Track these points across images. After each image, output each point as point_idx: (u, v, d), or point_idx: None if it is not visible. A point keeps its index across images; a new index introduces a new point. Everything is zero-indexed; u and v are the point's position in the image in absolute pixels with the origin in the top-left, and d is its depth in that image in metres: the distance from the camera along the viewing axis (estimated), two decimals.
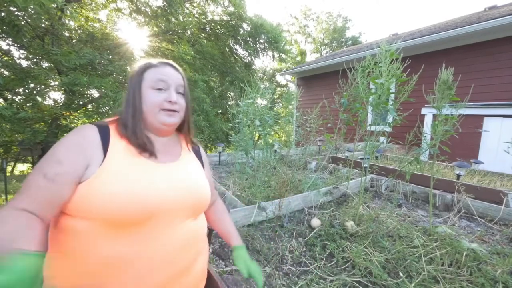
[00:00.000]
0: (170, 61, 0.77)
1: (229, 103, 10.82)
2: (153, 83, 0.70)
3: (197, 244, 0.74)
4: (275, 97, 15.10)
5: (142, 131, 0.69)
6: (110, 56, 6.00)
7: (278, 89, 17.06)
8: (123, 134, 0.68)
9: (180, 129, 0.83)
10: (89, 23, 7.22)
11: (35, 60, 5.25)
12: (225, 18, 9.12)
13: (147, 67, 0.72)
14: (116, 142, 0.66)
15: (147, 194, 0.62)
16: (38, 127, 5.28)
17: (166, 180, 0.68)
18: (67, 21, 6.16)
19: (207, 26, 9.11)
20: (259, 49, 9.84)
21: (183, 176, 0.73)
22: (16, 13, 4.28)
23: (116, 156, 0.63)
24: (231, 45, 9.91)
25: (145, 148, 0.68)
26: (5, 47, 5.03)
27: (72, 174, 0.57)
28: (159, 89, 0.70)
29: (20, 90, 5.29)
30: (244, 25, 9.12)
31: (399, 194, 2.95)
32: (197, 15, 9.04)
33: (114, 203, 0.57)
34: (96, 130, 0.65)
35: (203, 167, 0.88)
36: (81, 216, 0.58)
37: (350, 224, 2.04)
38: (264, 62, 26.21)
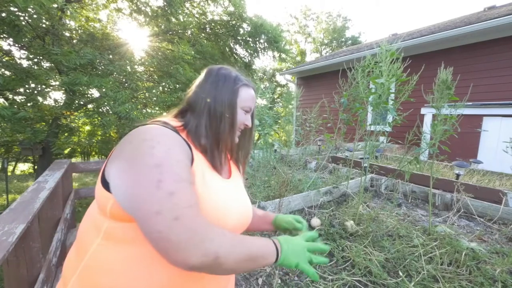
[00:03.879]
0: (252, 83, 0.76)
1: None
2: (245, 105, 0.69)
3: None
4: (275, 96, 15.11)
5: (224, 148, 0.68)
6: (111, 56, 6.01)
7: (278, 88, 17.07)
8: (201, 146, 0.63)
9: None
10: (90, 23, 7.23)
11: (35, 60, 5.26)
12: (225, 18, 9.12)
13: (242, 84, 0.69)
14: (195, 151, 0.60)
15: (237, 210, 0.64)
16: (38, 127, 5.29)
17: (235, 198, 0.68)
18: (67, 21, 6.16)
19: (207, 26, 9.12)
20: (259, 49, 9.85)
21: (241, 194, 0.73)
22: (16, 13, 4.29)
23: (202, 171, 0.59)
24: (231, 45, 9.92)
25: (217, 162, 0.65)
26: (6, 47, 5.05)
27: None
28: (245, 111, 0.70)
29: (21, 90, 5.30)
30: (244, 25, 9.13)
31: (398, 194, 2.96)
32: (197, 15, 9.05)
33: (214, 216, 0.56)
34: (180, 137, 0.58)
35: None
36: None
37: (350, 223, 2.05)
38: (264, 62, 26.24)
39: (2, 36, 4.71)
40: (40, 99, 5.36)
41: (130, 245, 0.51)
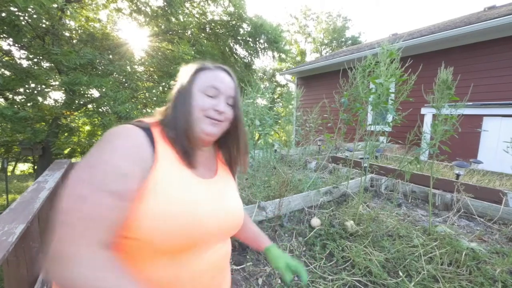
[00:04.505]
0: (225, 67, 0.70)
1: None
2: (204, 88, 0.63)
3: (227, 265, 0.72)
4: (275, 97, 15.11)
5: (194, 138, 0.62)
6: (111, 56, 6.01)
7: (278, 88, 17.06)
8: (170, 138, 0.60)
9: (222, 143, 0.74)
10: (90, 23, 7.23)
11: (35, 60, 5.27)
12: (225, 18, 9.13)
13: (201, 68, 0.66)
14: (163, 149, 0.57)
15: (204, 215, 0.57)
16: (38, 127, 5.30)
17: (211, 200, 0.61)
18: (67, 21, 6.17)
19: (207, 26, 9.12)
20: (259, 49, 9.86)
21: (223, 196, 0.66)
22: (16, 13, 4.29)
23: (164, 163, 0.55)
24: (231, 45, 9.92)
25: (189, 156, 0.60)
26: (6, 47, 5.05)
27: (136, 188, 0.49)
28: (209, 96, 0.63)
29: (21, 90, 5.30)
30: (244, 25, 9.14)
31: (398, 194, 2.95)
32: (197, 15, 9.05)
33: (167, 224, 0.50)
34: (143, 134, 0.55)
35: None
36: (128, 231, 0.50)
37: (350, 223, 2.05)
38: (264, 62, 26.25)
39: (2, 36, 4.71)
40: (40, 99, 5.37)
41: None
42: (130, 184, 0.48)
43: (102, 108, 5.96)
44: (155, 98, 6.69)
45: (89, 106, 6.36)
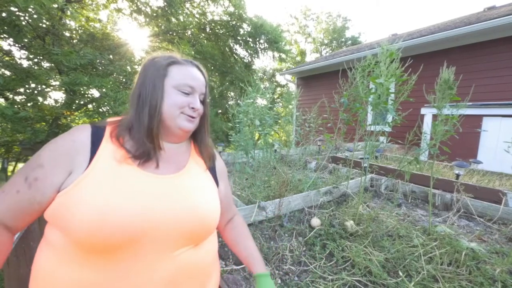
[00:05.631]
0: (196, 62, 0.68)
1: (229, 103, 10.83)
2: (179, 85, 0.61)
3: (197, 278, 0.61)
4: (275, 97, 15.12)
5: (157, 136, 0.60)
6: (111, 56, 6.02)
7: (278, 89, 17.07)
8: (120, 137, 0.58)
9: (194, 136, 0.74)
10: (90, 23, 7.24)
11: (36, 60, 5.27)
12: (225, 18, 9.14)
13: (172, 62, 0.63)
14: (107, 146, 0.56)
15: (130, 212, 0.50)
16: (39, 127, 5.30)
17: (159, 196, 0.56)
18: (67, 21, 6.17)
19: (207, 26, 9.14)
20: (259, 49, 9.88)
21: (183, 193, 0.60)
22: (17, 13, 4.29)
23: (103, 161, 0.54)
24: (231, 45, 9.94)
25: (148, 156, 0.58)
26: (6, 47, 5.05)
27: (51, 179, 0.51)
28: (185, 93, 0.62)
29: (21, 90, 5.31)
30: (244, 26, 9.15)
31: (398, 194, 2.96)
32: (197, 15, 9.06)
33: (86, 218, 0.48)
34: (89, 132, 0.56)
35: (217, 181, 0.75)
36: (56, 225, 0.51)
37: (349, 223, 2.05)
38: (264, 62, 26.25)
39: (2, 36, 4.71)
40: (40, 99, 5.37)
41: (48, 245, 0.53)
42: (43, 174, 0.51)
43: (103, 108, 5.96)
44: None
45: (89, 106, 6.37)
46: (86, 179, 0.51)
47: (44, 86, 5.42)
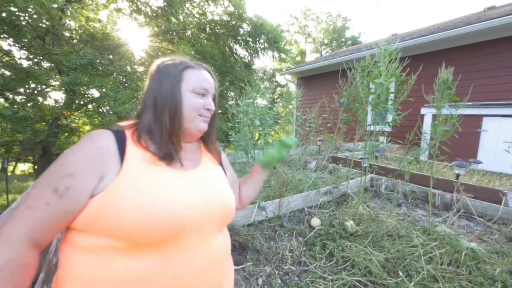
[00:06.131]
0: (206, 65, 0.72)
1: (229, 103, 10.83)
2: (195, 88, 0.65)
3: (224, 260, 0.69)
4: (275, 97, 15.12)
5: (179, 138, 0.65)
6: (111, 56, 6.02)
7: (278, 89, 17.07)
8: (142, 140, 0.61)
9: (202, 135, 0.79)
10: (90, 23, 7.24)
11: (36, 60, 5.27)
12: (225, 18, 9.14)
13: (186, 66, 0.66)
14: (134, 149, 0.59)
15: (178, 204, 0.55)
16: (38, 127, 5.31)
17: (194, 189, 0.62)
18: (67, 21, 6.18)
19: (207, 26, 9.14)
20: (259, 49, 9.87)
21: (209, 184, 0.67)
22: (17, 13, 4.30)
23: (135, 163, 0.56)
24: (231, 45, 9.94)
25: (172, 156, 0.62)
26: (6, 47, 5.05)
27: (85, 187, 0.51)
28: (200, 95, 0.67)
29: (21, 90, 5.31)
30: (244, 25, 9.15)
31: (398, 194, 2.96)
32: (197, 15, 9.06)
33: (137, 216, 0.50)
34: (113, 136, 0.57)
35: (225, 172, 0.83)
36: (93, 232, 0.52)
37: (349, 223, 2.05)
38: (264, 62, 26.26)
39: (2, 36, 4.72)
40: (40, 99, 5.38)
41: (82, 251, 0.53)
42: (75, 182, 0.50)
43: (103, 108, 5.97)
44: None
45: (90, 106, 6.38)
46: (124, 180, 0.53)
47: (44, 86, 5.42)
